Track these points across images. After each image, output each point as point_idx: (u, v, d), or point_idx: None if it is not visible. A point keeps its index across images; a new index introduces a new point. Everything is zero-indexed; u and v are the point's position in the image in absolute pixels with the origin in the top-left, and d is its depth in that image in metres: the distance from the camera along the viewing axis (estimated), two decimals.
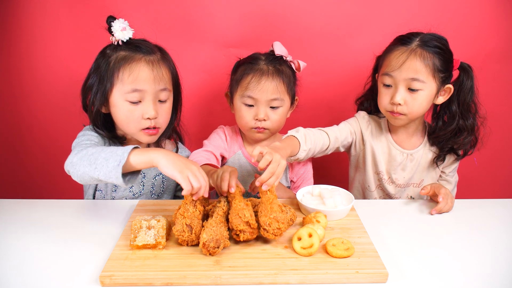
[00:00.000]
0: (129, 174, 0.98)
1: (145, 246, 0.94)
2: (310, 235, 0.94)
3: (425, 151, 1.45)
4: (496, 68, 1.78)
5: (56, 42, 1.70)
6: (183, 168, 0.93)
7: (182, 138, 1.47)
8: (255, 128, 1.37)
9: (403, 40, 1.32)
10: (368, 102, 1.52)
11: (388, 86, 1.33)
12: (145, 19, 1.71)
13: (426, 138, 1.46)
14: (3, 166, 1.86)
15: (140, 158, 0.95)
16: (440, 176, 1.51)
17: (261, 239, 1.00)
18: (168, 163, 0.93)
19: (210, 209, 1.08)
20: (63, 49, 1.71)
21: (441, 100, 1.36)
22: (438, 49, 1.28)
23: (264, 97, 1.33)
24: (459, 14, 1.71)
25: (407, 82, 1.28)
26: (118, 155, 0.95)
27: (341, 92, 1.79)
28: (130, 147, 0.96)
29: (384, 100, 1.35)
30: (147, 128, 1.22)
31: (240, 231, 0.95)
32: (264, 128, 1.37)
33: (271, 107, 1.35)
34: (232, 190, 1.04)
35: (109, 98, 1.21)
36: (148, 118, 1.20)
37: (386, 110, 1.35)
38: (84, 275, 0.89)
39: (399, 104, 1.30)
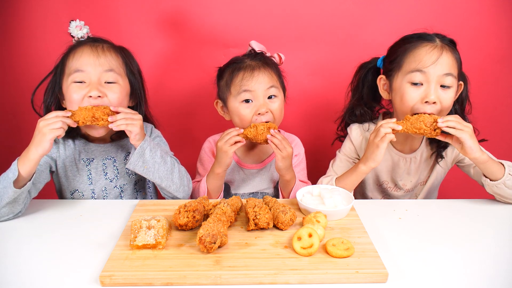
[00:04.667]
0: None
1: (145, 246, 0.94)
2: (310, 235, 0.94)
3: (426, 149, 1.44)
4: (497, 68, 1.78)
5: (57, 42, 1.70)
6: (37, 134, 1.10)
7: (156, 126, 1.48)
8: None
9: (422, 37, 1.26)
10: (359, 110, 1.44)
11: (416, 84, 1.24)
12: (145, 19, 1.71)
13: (424, 136, 1.45)
14: (3, 166, 1.86)
15: (24, 163, 1.10)
16: (463, 166, 1.43)
17: (260, 238, 1.00)
18: (35, 143, 1.10)
19: (210, 209, 1.08)
20: (63, 49, 1.71)
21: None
22: (453, 44, 1.27)
23: (261, 87, 1.32)
24: (459, 14, 1.71)
25: (440, 78, 1.22)
26: (9, 177, 1.10)
27: (340, 91, 1.78)
28: (14, 163, 1.11)
29: (412, 100, 1.25)
30: None
31: None
32: None
33: (269, 98, 1.34)
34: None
35: (62, 88, 1.24)
36: (91, 97, 1.19)
37: (413, 112, 1.26)
38: (84, 275, 0.89)
39: (434, 102, 1.23)
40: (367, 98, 1.44)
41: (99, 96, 1.19)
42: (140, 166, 1.21)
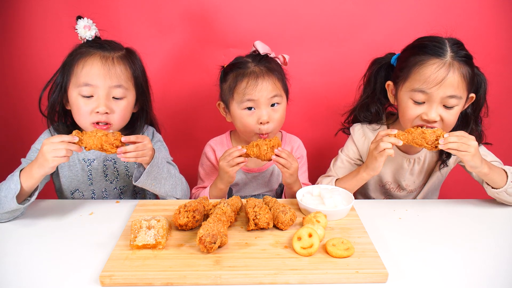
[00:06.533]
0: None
1: (145, 246, 0.94)
2: (310, 235, 0.94)
3: (431, 152, 1.42)
4: (497, 68, 1.78)
5: (57, 42, 1.71)
6: (41, 156, 1.06)
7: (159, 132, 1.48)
8: (259, 134, 1.35)
9: (433, 50, 1.20)
10: (375, 108, 1.41)
11: (418, 102, 1.23)
12: (145, 19, 1.71)
13: None
14: (3, 166, 1.86)
15: (27, 179, 1.09)
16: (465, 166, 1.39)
17: (260, 238, 1.00)
18: (38, 164, 1.07)
19: (210, 209, 1.08)
20: (63, 50, 1.71)
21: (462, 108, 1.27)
22: (466, 58, 1.21)
23: (264, 96, 1.31)
24: (459, 14, 1.71)
25: (443, 99, 1.19)
26: (12, 188, 1.08)
27: (341, 91, 1.79)
28: (17, 174, 1.10)
29: (411, 115, 1.24)
30: (98, 123, 1.22)
31: None
32: (267, 134, 1.36)
33: (271, 106, 1.34)
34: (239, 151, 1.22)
35: (68, 92, 1.23)
36: (98, 112, 1.19)
37: (414, 125, 1.26)
38: (84, 275, 0.89)
39: (435, 121, 1.21)
40: (379, 95, 1.40)
41: (106, 113, 1.20)
42: (149, 184, 1.21)
